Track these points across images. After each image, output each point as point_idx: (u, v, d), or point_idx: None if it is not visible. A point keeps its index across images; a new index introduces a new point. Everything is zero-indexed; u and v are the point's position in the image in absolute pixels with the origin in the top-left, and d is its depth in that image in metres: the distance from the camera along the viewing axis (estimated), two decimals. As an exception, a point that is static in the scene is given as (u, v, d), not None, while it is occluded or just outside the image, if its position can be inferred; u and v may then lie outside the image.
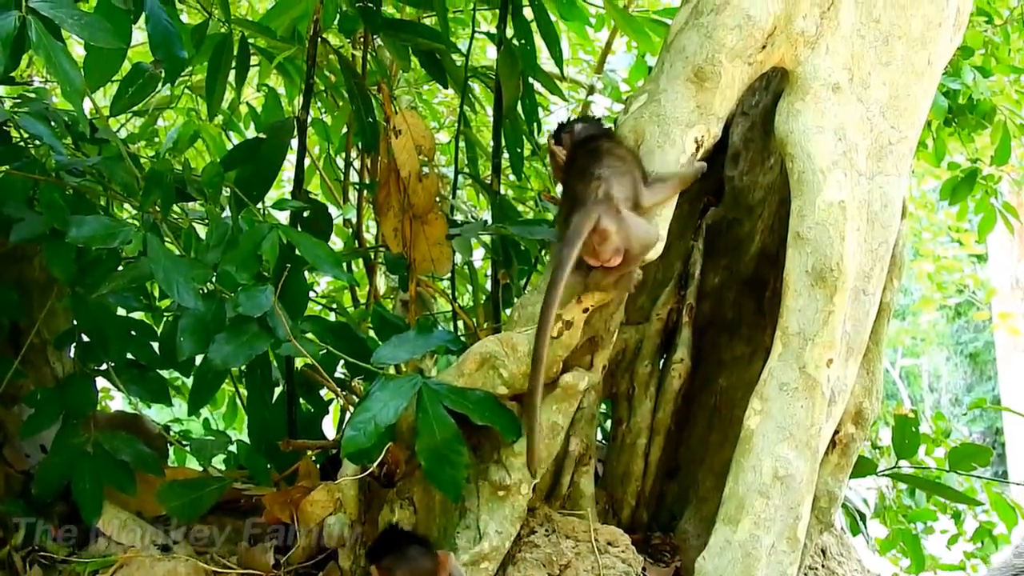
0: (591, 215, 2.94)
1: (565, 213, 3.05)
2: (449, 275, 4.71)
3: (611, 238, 2.95)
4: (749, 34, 3.15)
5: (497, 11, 4.65)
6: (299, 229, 3.83)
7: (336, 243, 5.75)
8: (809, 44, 3.25)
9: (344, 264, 4.53)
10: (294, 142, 4.26)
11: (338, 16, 4.50)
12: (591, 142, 3.14)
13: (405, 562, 2.96)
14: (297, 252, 3.43)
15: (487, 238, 4.51)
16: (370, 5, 4.08)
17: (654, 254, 3.10)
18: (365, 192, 5.06)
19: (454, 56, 4.71)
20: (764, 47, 3.19)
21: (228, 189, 3.65)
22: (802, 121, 3.19)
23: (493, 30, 4.89)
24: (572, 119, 3.36)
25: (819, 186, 3.11)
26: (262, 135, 4.21)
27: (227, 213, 3.53)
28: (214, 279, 3.27)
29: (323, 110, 5.80)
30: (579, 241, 2.94)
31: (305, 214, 4.06)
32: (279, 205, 3.82)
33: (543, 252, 4.45)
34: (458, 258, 4.57)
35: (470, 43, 4.87)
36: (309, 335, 3.48)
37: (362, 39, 4.92)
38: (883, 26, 3.34)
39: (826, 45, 3.26)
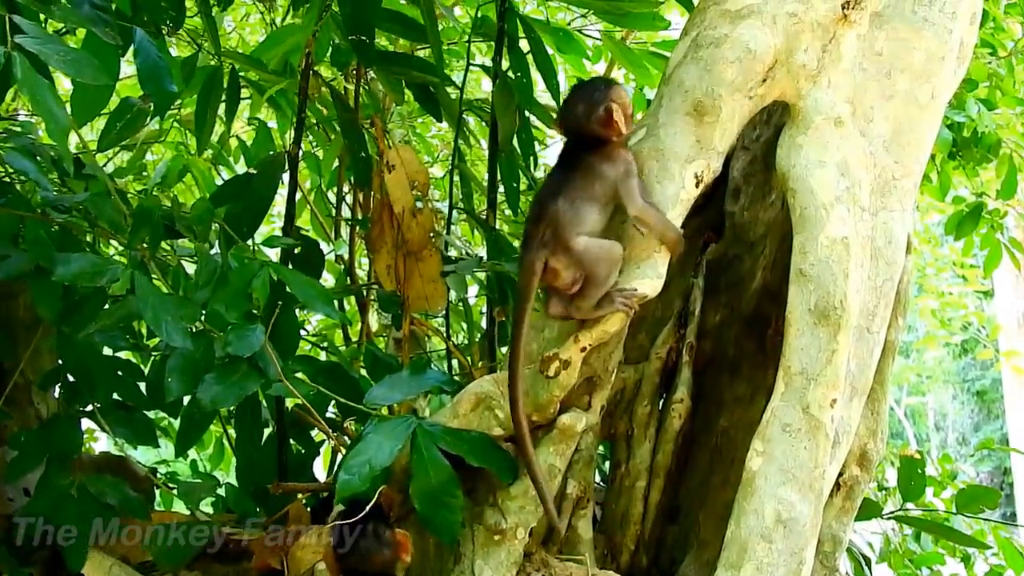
0: (534, 264, 3.00)
1: (521, 241, 3.12)
2: (443, 313, 4.71)
3: (562, 274, 3.01)
4: (749, 67, 3.16)
5: (492, 43, 4.67)
6: (290, 266, 3.83)
7: (328, 280, 5.76)
8: (810, 77, 3.26)
9: (336, 302, 4.53)
10: (285, 177, 4.26)
11: (330, 49, 4.52)
12: (576, 152, 3.12)
13: (358, 556, 2.97)
14: (288, 290, 3.43)
15: (482, 275, 4.51)
16: (363, 38, 4.09)
17: (653, 292, 3.09)
18: (357, 228, 5.08)
19: (449, 89, 4.73)
20: (765, 80, 3.20)
21: (218, 225, 3.66)
22: (804, 155, 3.19)
23: (488, 63, 4.92)
24: (570, 98, 3.21)
25: (822, 222, 3.11)
26: (252, 170, 4.22)
27: (216, 250, 3.54)
28: (203, 318, 3.27)
29: (315, 144, 5.82)
30: (529, 293, 3.02)
31: (296, 251, 4.06)
32: (270, 242, 3.82)
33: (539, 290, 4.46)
34: (453, 295, 4.58)
35: (465, 76, 4.89)
36: (300, 375, 3.48)
37: (355, 72, 4.94)
38: (885, 59, 3.34)
39: (828, 78, 3.27)
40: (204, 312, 3.27)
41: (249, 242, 3.79)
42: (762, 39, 3.16)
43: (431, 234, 4.16)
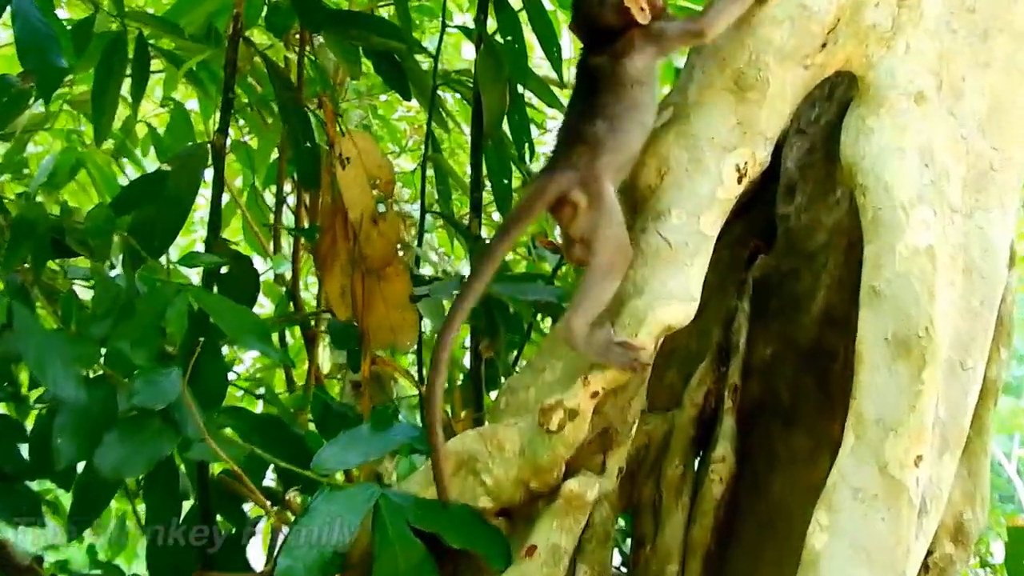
0: (547, 186, 3.06)
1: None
2: (415, 348, 4.72)
3: (580, 213, 3.06)
4: (805, 28, 3.16)
5: (475, -2, 4.70)
6: (215, 291, 3.84)
7: (265, 307, 5.76)
8: (884, 41, 3.27)
9: (275, 336, 4.53)
10: (208, 174, 4.26)
11: (265, 8, 4.52)
12: (600, 54, 3.19)
13: None
14: (212, 321, 3.44)
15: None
16: None
17: (685, 319, 3.10)
18: (303, 239, 5.08)
19: (419, 58, 4.74)
20: (824, 45, 3.21)
21: (121, 239, 3.67)
22: (876, 142, 3.20)
23: (470, 23, 4.93)
24: None
25: (900, 227, 3.10)
26: (166, 166, 4.23)
27: (119, 271, 3.55)
28: (102, 360, 3.28)
29: (247, 131, 5.83)
30: (524, 216, 3.13)
31: (223, 270, 4.07)
32: (188, 260, 3.84)
33: (539, 318, 4.46)
34: (427, 325, 4.58)
35: (440, 40, 4.90)
36: (228, 432, 3.49)
37: (298, 38, 4.95)
38: (980, 17, 3.35)
39: (906, 42, 3.27)
40: (103, 352, 3.27)
41: (162, 260, 3.80)
42: (821, -9, 3.18)
43: (398, 246, 4.17)
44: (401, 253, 4.23)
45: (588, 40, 3.24)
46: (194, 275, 4.13)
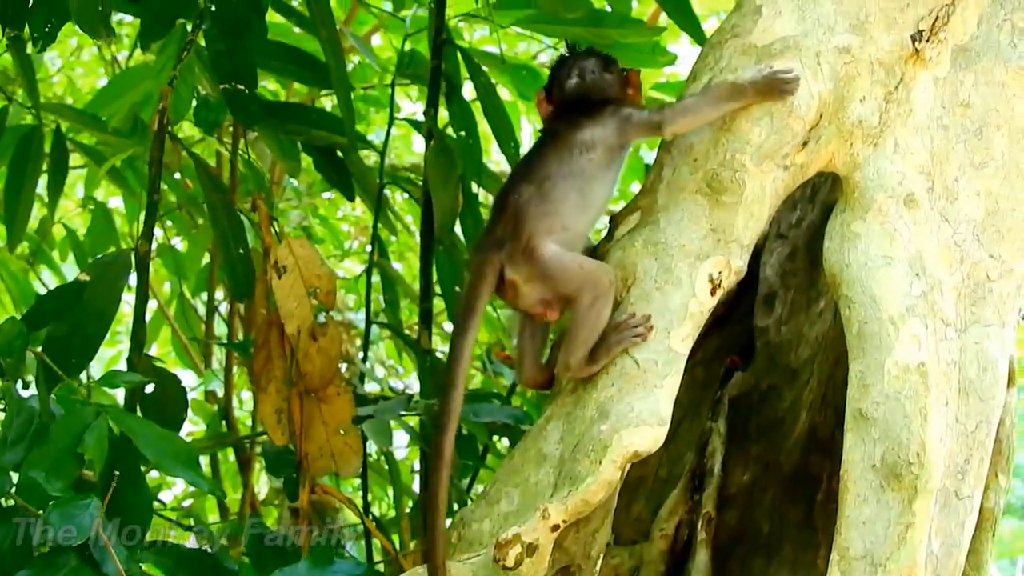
0: (483, 273, 3.11)
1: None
2: (359, 474, 4.70)
3: (523, 292, 3.12)
4: (784, 125, 3.19)
5: (425, 88, 4.70)
6: (138, 412, 3.82)
7: (196, 426, 5.74)
8: (870, 139, 3.28)
9: (206, 459, 4.50)
10: (133, 282, 4.25)
11: (195, 101, 4.52)
12: (560, 122, 3.27)
13: None
14: (135, 446, 3.42)
15: (413, 419, 4.51)
16: (240, 87, 4.08)
17: (654, 444, 3.09)
18: (236, 355, 5.06)
19: (364, 153, 4.75)
20: (806, 144, 3.23)
21: (35, 356, 3.66)
22: (862, 249, 3.21)
23: (420, 115, 4.95)
24: (576, 57, 3.40)
25: (889, 343, 3.12)
26: (85, 275, 4.22)
27: (33, 392, 3.54)
28: (13, 490, 3.26)
29: (175, 233, 5.82)
30: (471, 317, 3.14)
31: (148, 389, 4.05)
32: (109, 380, 3.83)
33: (495, 440, 4.45)
34: (372, 449, 4.56)
35: (387, 134, 4.91)
36: (152, 567, 3.47)
37: (231, 132, 4.96)
38: (975, 112, 3.36)
39: (894, 140, 3.29)
40: (15, 481, 3.26)
41: (82, 378, 3.79)
42: (802, 85, 3.20)
43: (339, 363, 4.15)
44: (344, 368, 4.21)
45: (558, 115, 3.30)
46: (118, 395, 4.10)
